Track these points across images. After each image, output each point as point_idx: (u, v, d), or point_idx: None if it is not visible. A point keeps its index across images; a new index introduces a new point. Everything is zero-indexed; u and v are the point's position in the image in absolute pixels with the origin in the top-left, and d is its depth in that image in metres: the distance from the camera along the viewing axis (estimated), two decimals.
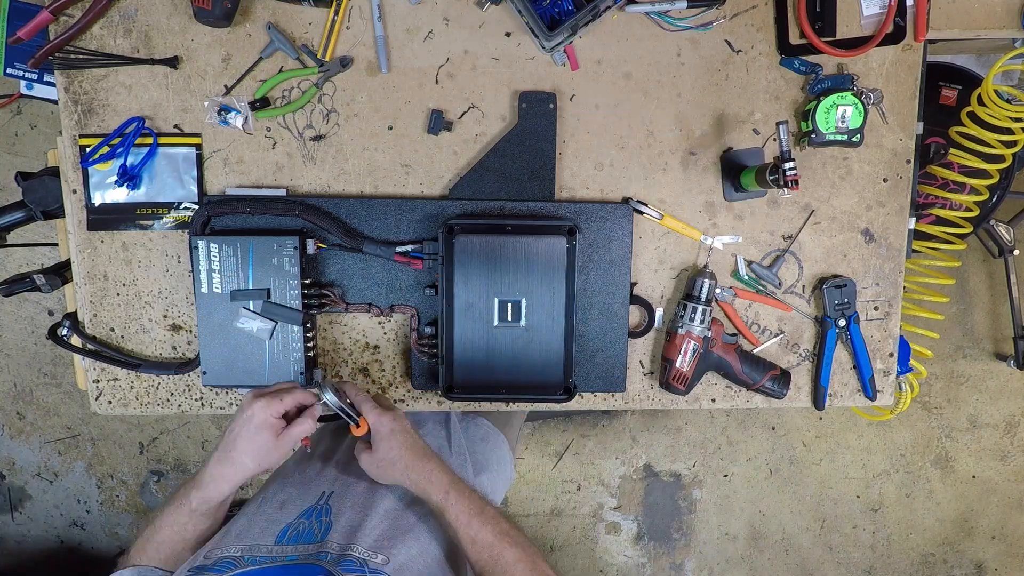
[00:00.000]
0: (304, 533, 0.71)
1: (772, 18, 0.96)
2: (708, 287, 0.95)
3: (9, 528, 2.19)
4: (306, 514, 0.75)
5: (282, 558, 0.66)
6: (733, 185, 0.97)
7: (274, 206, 0.92)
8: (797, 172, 0.84)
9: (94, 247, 0.97)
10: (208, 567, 0.66)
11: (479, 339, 0.91)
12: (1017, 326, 1.95)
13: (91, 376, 1.00)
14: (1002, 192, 1.44)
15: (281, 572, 0.63)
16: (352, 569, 0.64)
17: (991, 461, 2.19)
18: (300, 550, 0.68)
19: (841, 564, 2.25)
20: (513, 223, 0.91)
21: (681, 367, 0.96)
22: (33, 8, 1.01)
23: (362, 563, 0.65)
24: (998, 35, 0.98)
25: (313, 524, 0.73)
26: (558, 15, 0.91)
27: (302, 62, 0.93)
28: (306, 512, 0.75)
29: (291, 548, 0.68)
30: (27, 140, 1.96)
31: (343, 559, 0.65)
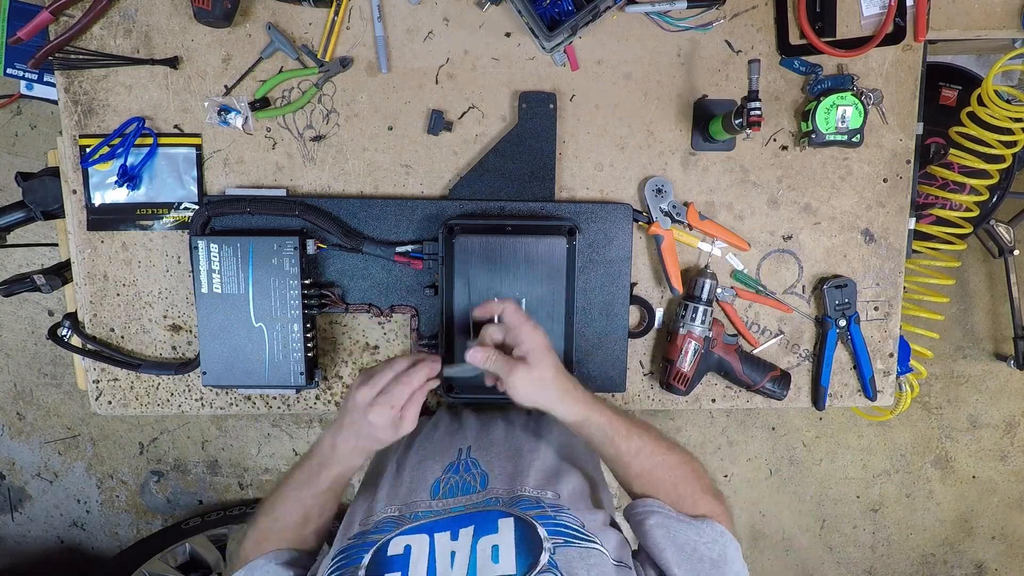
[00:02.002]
0: (460, 486, 0.69)
1: (772, 18, 0.96)
2: (709, 287, 0.95)
3: (9, 528, 2.19)
4: (452, 469, 0.73)
5: (446, 511, 0.64)
6: (702, 135, 0.97)
7: (274, 206, 0.92)
8: (761, 114, 0.83)
9: (94, 247, 0.97)
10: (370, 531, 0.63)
11: None
12: (1017, 326, 1.95)
13: (91, 376, 1.00)
14: (1002, 192, 1.44)
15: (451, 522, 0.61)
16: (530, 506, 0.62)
17: (991, 461, 2.19)
18: (464, 501, 0.66)
19: (841, 564, 2.25)
20: (513, 223, 0.91)
21: (682, 367, 0.96)
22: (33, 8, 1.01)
23: (537, 500, 0.64)
24: (998, 35, 0.98)
25: (465, 477, 0.71)
26: (558, 15, 0.91)
27: (302, 62, 0.93)
28: (451, 467, 0.73)
29: (452, 501, 0.66)
30: (27, 140, 1.96)
31: (517, 500, 0.64)
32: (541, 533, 0.57)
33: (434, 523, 0.62)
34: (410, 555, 0.57)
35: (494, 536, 0.58)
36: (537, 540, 0.57)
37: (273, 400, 1.01)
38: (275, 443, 2.10)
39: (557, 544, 0.56)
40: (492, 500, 0.65)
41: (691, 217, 0.97)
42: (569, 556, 0.55)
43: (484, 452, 0.76)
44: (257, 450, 2.11)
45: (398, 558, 0.57)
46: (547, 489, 0.67)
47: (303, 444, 2.10)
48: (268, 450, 2.11)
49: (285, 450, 2.11)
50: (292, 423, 2.09)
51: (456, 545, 0.58)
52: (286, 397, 1.01)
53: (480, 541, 0.57)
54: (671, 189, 0.96)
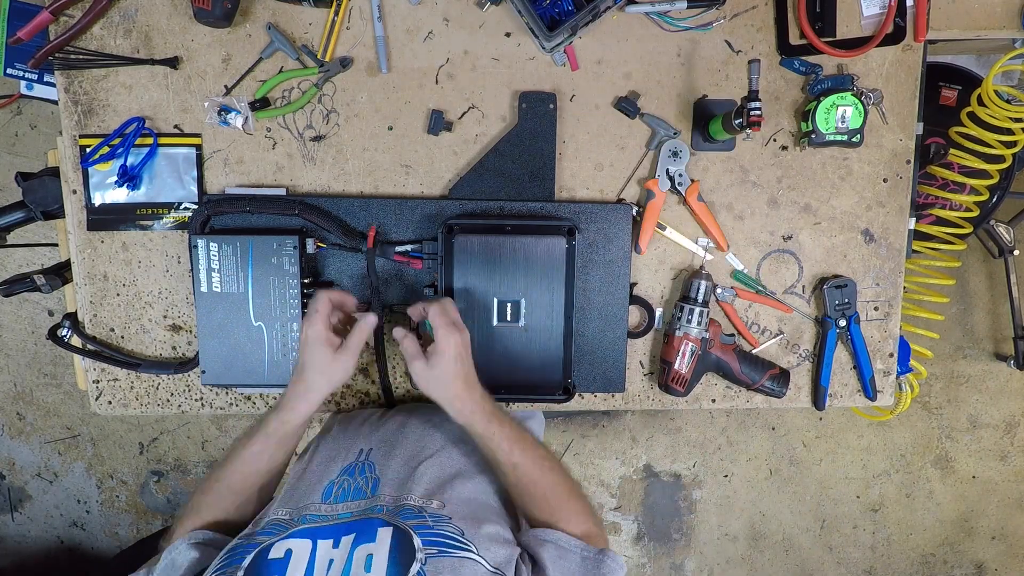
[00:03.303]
0: (351, 490, 0.70)
1: (772, 18, 0.96)
2: (704, 289, 0.95)
3: (9, 528, 2.19)
4: (348, 471, 0.74)
5: (333, 516, 0.65)
6: (702, 135, 0.97)
7: (274, 206, 0.92)
8: (761, 114, 0.83)
9: (94, 247, 0.97)
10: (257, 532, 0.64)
11: (478, 339, 0.91)
12: (1017, 326, 1.95)
13: (91, 376, 1.00)
14: (1002, 192, 1.44)
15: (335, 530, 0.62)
16: (411, 515, 0.63)
17: (991, 461, 2.19)
18: (352, 507, 0.67)
19: (841, 564, 2.25)
20: (513, 223, 0.91)
21: (679, 369, 0.96)
22: (33, 8, 1.01)
23: (420, 510, 0.65)
24: (998, 35, 0.98)
25: (358, 480, 0.72)
26: (558, 15, 0.91)
27: (302, 62, 0.93)
28: (347, 469, 0.74)
29: (341, 506, 0.68)
30: (27, 140, 1.96)
31: (400, 509, 0.65)
32: (416, 543, 0.58)
33: (319, 528, 0.63)
34: (289, 560, 0.59)
35: (371, 545, 0.59)
36: (411, 550, 0.58)
37: (273, 400, 1.01)
38: None
39: (430, 554, 0.57)
40: (377, 508, 0.66)
41: (690, 192, 0.95)
42: (440, 566, 0.56)
43: (382, 456, 0.77)
44: None
45: (277, 562, 0.58)
46: (434, 498, 0.68)
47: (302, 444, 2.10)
48: None
49: None
50: None
51: (336, 553, 0.59)
52: None
53: (357, 549, 0.59)
54: (686, 158, 0.95)
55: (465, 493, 0.71)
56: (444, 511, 0.66)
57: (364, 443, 0.80)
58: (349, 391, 1.01)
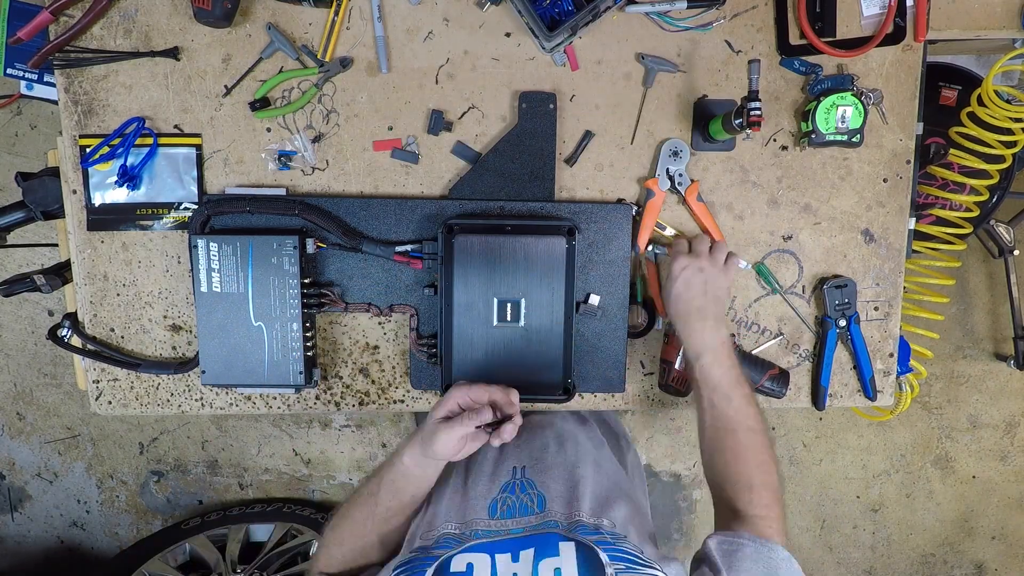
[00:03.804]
0: (517, 507, 0.70)
1: (772, 18, 0.96)
2: None
3: (9, 528, 2.19)
4: (508, 488, 0.73)
5: (505, 531, 0.65)
6: (702, 135, 0.96)
7: (274, 205, 0.92)
8: (761, 114, 0.83)
9: (94, 247, 0.97)
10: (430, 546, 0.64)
11: (478, 339, 0.91)
12: (1017, 326, 1.95)
13: (91, 376, 1.00)
14: (1002, 192, 1.44)
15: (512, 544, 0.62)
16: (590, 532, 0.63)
17: (991, 461, 2.19)
18: (523, 522, 0.67)
19: (841, 564, 2.25)
20: (513, 223, 0.91)
21: (680, 369, 0.96)
22: (33, 8, 1.01)
23: (596, 527, 0.65)
24: (998, 35, 0.98)
25: (522, 498, 0.72)
26: (558, 15, 0.91)
27: (302, 62, 0.93)
28: (507, 487, 0.74)
29: (511, 522, 0.67)
30: (27, 140, 1.96)
31: (577, 526, 0.64)
32: (603, 558, 0.58)
33: (494, 544, 0.62)
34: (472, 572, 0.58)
35: (556, 559, 0.58)
36: (599, 565, 0.57)
37: (273, 400, 1.01)
38: (275, 443, 2.10)
39: (619, 570, 0.56)
40: (551, 523, 0.65)
41: (690, 192, 0.96)
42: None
43: (539, 473, 0.76)
44: (257, 450, 2.11)
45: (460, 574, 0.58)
46: (603, 516, 0.68)
47: (303, 444, 2.10)
48: (268, 450, 2.11)
49: (285, 450, 2.11)
50: (292, 423, 2.09)
51: (517, 567, 0.58)
52: (286, 397, 1.01)
53: (542, 563, 0.58)
54: (687, 157, 0.95)
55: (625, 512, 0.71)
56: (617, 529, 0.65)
57: (514, 461, 0.80)
58: (349, 391, 1.01)
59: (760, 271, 0.99)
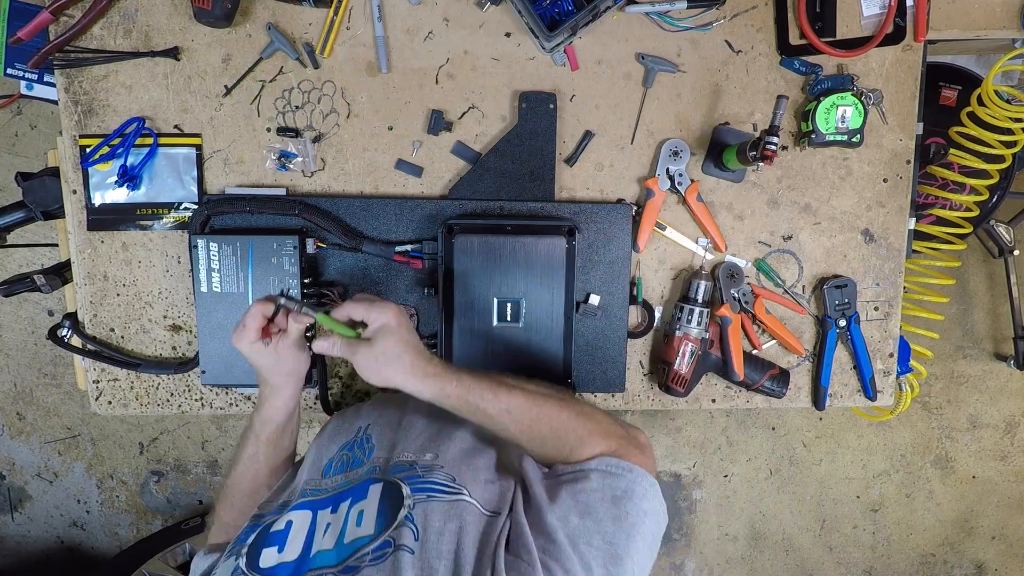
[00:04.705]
0: (349, 462, 0.71)
1: (772, 18, 0.96)
2: (704, 289, 0.95)
3: (9, 528, 2.19)
4: (347, 447, 0.74)
5: (334, 487, 0.66)
6: (714, 162, 0.97)
7: (274, 205, 0.92)
8: (776, 149, 0.83)
9: (94, 247, 0.97)
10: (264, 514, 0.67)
11: (478, 339, 0.91)
12: (1017, 326, 1.95)
13: (91, 376, 1.00)
14: (1002, 192, 1.44)
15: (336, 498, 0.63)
16: (402, 470, 0.63)
17: (991, 461, 2.19)
18: (351, 476, 0.67)
19: (841, 564, 2.25)
20: (513, 223, 0.91)
21: (679, 369, 0.96)
22: (33, 8, 1.01)
23: (411, 464, 0.65)
24: (998, 35, 0.98)
25: (356, 452, 0.73)
26: (558, 15, 0.91)
27: (302, 62, 0.93)
28: (346, 445, 0.75)
29: (340, 477, 0.68)
30: (27, 140, 1.96)
31: (391, 466, 0.65)
32: (404, 492, 0.58)
33: (319, 501, 0.64)
34: (290, 530, 0.60)
35: (363, 502, 0.59)
36: (400, 498, 0.58)
37: None
38: None
39: (419, 500, 0.57)
40: (370, 469, 0.67)
41: (690, 192, 0.95)
42: (429, 509, 0.56)
43: (378, 428, 0.76)
44: None
45: (278, 533, 0.60)
46: (426, 452, 0.67)
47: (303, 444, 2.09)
48: None
49: None
50: None
51: (333, 517, 0.60)
52: None
53: (351, 509, 0.60)
54: (687, 158, 0.95)
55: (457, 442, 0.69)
56: (437, 461, 0.65)
57: (362, 421, 0.80)
58: (349, 391, 1.01)
59: (760, 267, 0.99)
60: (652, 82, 0.95)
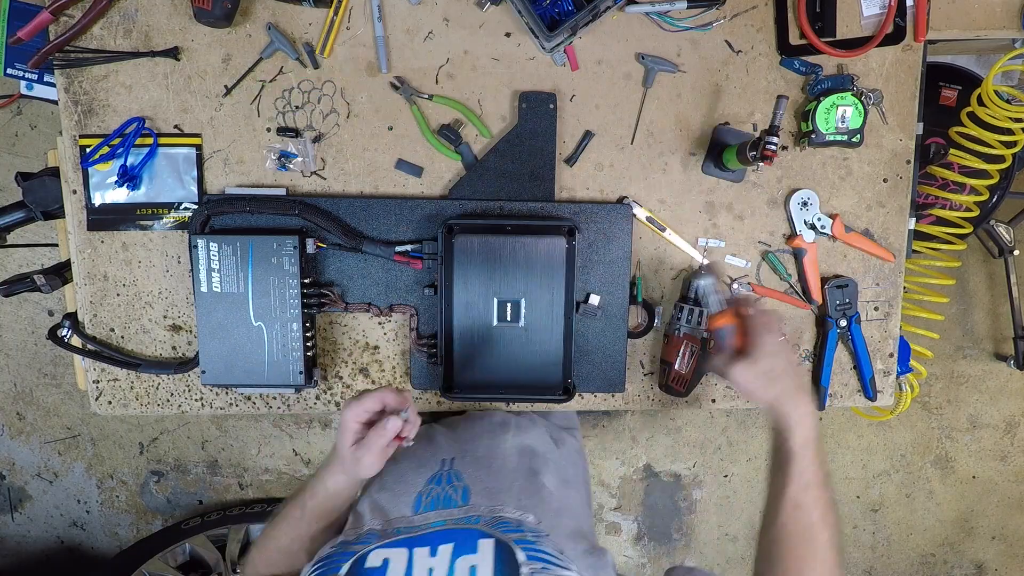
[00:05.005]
0: (441, 499, 0.69)
1: (772, 18, 0.96)
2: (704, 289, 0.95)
3: (9, 528, 2.19)
4: (435, 480, 0.73)
5: (426, 525, 0.64)
6: (714, 162, 0.97)
7: (274, 205, 0.92)
8: (776, 149, 0.83)
9: (94, 247, 0.97)
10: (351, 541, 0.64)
11: (478, 339, 0.91)
12: (1017, 326, 1.95)
13: (91, 376, 1.00)
14: (1002, 192, 1.44)
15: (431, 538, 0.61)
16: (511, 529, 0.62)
17: (991, 461, 2.19)
18: (444, 515, 0.66)
19: None
20: (513, 223, 0.91)
21: (680, 369, 0.96)
22: (33, 8, 1.01)
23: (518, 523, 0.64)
24: (998, 35, 0.98)
25: (447, 489, 0.71)
26: (558, 15, 0.91)
27: (302, 62, 0.93)
28: (434, 478, 0.73)
29: (433, 515, 0.67)
30: (27, 140, 1.96)
31: (498, 522, 0.64)
32: (520, 557, 0.57)
33: (414, 538, 0.62)
34: (387, 568, 0.58)
35: (473, 556, 0.58)
36: (515, 563, 0.57)
37: (273, 400, 1.01)
38: (275, 443, 2.10)
39: (535, 569, 0.56)
40: (473, 519, 0.65)
41: (836, 229, 0.97)
42: None
43: (467, 465, 0.76)
44: (257, 450, 2.11)
45: (375, 570, 0.58)
46: (529, 512, 0.67)
47: (303, 444, 2.10)
48: (268, 450, 2.11)
49: (285, 450, 2.11)
50: (292, 423, 2.09)
51: (434, 562, 0.58)
52: (286, 397, 1.01)
53: (459, 560, 0.58)
54: (816, 201, 0.97)
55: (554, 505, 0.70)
56: (541, 527, 0.64)
57: (444, 453, 0.79)
58: (349, 391, 1.01)
59: (770, 259, 0.99)
60: (652, 82, 0.95)
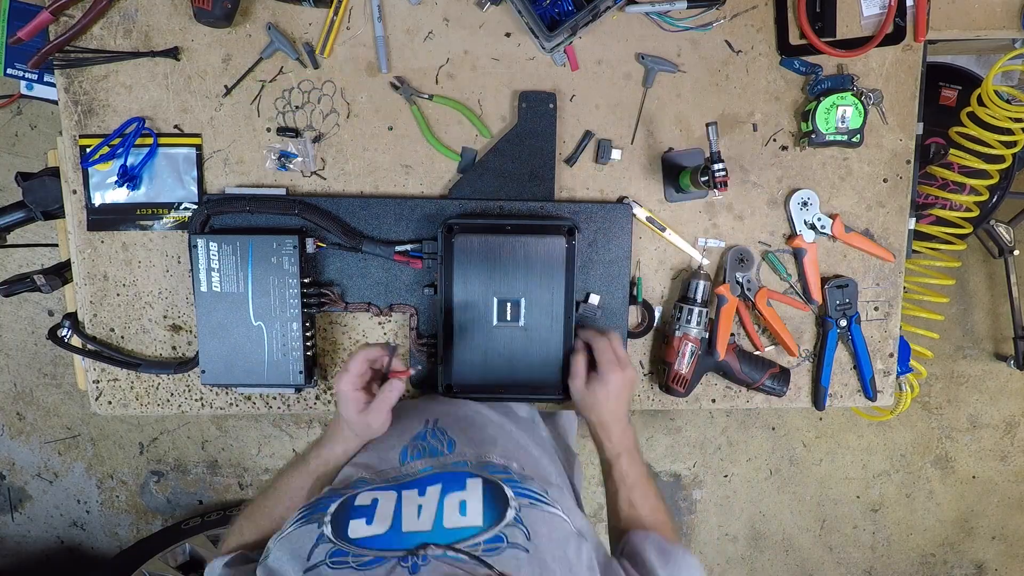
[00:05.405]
0: (428, 449, 0.71)
1: (772, 18, 0.96)
2: (703, 288, 0.95)
3: (9, 528, 2.19)
4: (420, 436, 0.74)
5: (414, 473, 0.66)
6: (674, 187, 0.97)
7: (274, 205, 0.92)
8: (726, 174, 0.84)
9: (94, 247, 0.97)
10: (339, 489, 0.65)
11: (478, 338, 0.91)
12: (1017, 326, 1.95)
13: (91, 376, 1.00)
14: (1002, 192, 1.44)
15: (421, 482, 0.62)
16: (498, 471, 0.64)
17: (991, 461, 2.19)
18: (432, 462, 0.68)
19: (841, 564, 2.25)
20: (513, 223, 0.91)
21: (680, 369, 0.96)
22: (33, 8, 1.01)
23: (504, 467, 0.66)
24: (998, 35, 0.98)
25: (432, 442, 0.73)
26: (558, 15, 0.91)
27: (302, 62, 0.93)
28: (419, 435, 0.75)
29: (420, 463, 0.68)
30: (27, 140, 1.96)
31: (485, 464, 0.66)
32: (508, 493, 0.59)
33: (403, 483, 0.63)
34: (376, 505, 0.59)
35: (462, 492, 0.60)
36: (504, 499, 0.59)
37: (273, 400, 1.01)
38: (275, 443, 2.10)
39: (523, 504, 0.58)
40: (460, 463, 0.67)
41: (836, 229, 0.97)
42: (534, 516, 0.57)
43: (451, 424, 0.77)
44: (257, 450, 2.11)
45: (364, 508, 0.59)
46: (513, 460, 0.69)
47: (303, 444, 2.10)
48: (268, 450, 2.11)
49: (285, 450, 2.11)
50: (292, 423, 2.09)
51: (423, 500, 0.60)
52: (286, 397, 1.01)
53: (448, 496, 0.59)
54: (816, 201, 0.97)
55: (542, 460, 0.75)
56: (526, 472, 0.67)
57: (429, 414, 0.80)
58: None
59: (770, 259, 0.99)
60: (652, 82, 0.95)
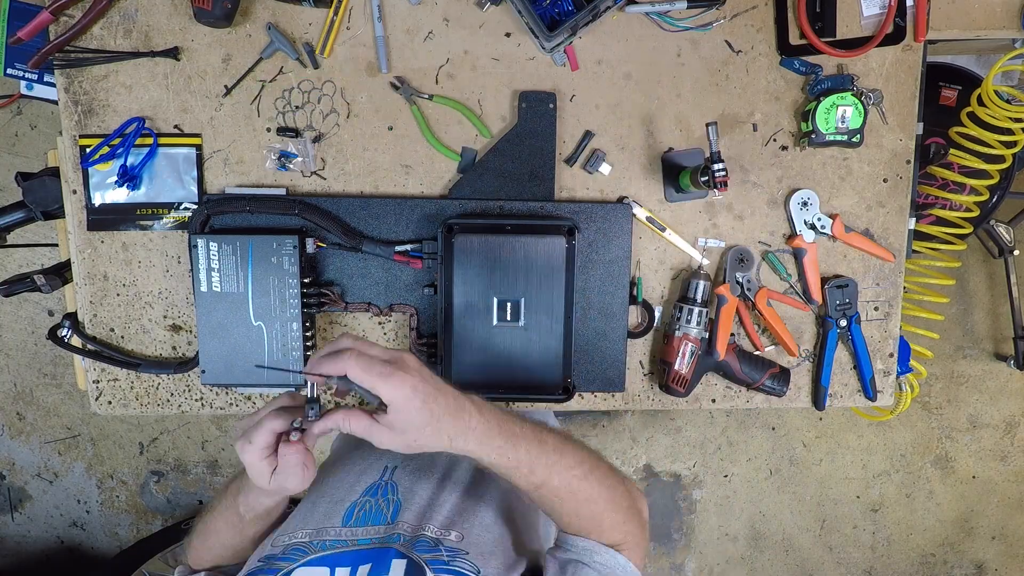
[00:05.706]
0: (372, 513, 0.69)
1: (772, 18, 0.96)
2: (703, 288, 0.95)
3: (9, 528, 2.19)
4: (371, 491, 0.72)
5: (353, 542, 0.64)
6: (673, 187, 0.97)
7: (274, 205, 0.92)
8: (726, 174, 0.84)
9: (94, 247, 0.97)
10: (277, 556, 0.64)
11: (478, 339, 0.91)
12: (1017, 326, 1.95)
13: (91, 376, 1.00)
14: (1002, 192, 1.44)
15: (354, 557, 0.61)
16: (427, 549, 0.62)
17: (991, 461, 2.19)
18: (371, 532, 0.66)
19: (841, 564, 2.25)
20: (513, 223, 0.91)
21: (679, 369, 0.96)
22: (33, 8, 1.01)
23: (436, 542, 0.64)
24: (998, 35, 0.98)
25: (380, 503, 0.71)
26: (558, 15, 0.91)
27: (302, 62, 0.93)
28: (371, 489, 0.73)
29: (361, 531, 0.67)
30: (27, 140, 1.96)
31: (417, 540, 0.64)
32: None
33: (338, 555, 0.62)
34: None
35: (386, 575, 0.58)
36: None
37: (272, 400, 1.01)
38: None
39: None
40: (395, 537, 0.65)
41: (836, 229, 0.97)
42: None
43: (408, 475, 0.75)
44: None
45: None
46: (452, 529, 0.66)
47: None
48: None
49: None
50: None
51: None
52: None
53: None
54: (816, 201, 0.97)
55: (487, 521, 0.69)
56: (462, 544, 0.64)
57: (389, 458, 0.78)
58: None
59: (770, 259, 0.99)
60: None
